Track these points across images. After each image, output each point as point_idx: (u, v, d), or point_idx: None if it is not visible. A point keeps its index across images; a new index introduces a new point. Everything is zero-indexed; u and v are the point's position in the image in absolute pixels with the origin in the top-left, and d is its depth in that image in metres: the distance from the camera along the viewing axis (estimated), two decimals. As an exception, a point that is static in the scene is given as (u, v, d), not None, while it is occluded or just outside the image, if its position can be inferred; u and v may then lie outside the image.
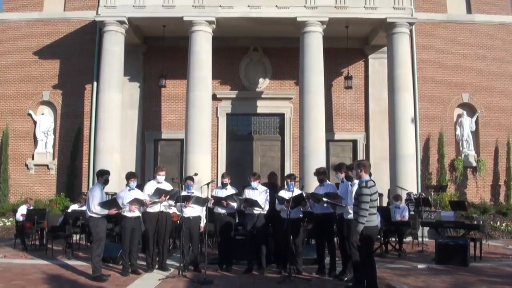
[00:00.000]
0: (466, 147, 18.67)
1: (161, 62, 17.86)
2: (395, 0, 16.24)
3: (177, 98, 18.56)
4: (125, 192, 9.59)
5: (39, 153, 18.60)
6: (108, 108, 16.12)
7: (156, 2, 16.25)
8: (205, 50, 16.21)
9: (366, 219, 7.14)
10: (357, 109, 18.76)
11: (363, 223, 7.14)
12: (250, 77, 18.81)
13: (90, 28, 18.91)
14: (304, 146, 15.67)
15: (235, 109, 18.63)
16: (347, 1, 16.19)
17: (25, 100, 18.83)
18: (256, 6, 16.13)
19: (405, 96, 16.13)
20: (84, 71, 18.70)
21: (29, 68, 18.98)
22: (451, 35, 19.22)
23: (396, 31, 16.27)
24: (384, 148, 17.30)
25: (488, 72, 19.05)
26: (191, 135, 15.76)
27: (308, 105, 15.79)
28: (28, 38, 19.18)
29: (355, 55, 18.67)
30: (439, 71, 18.93)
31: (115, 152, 16.04)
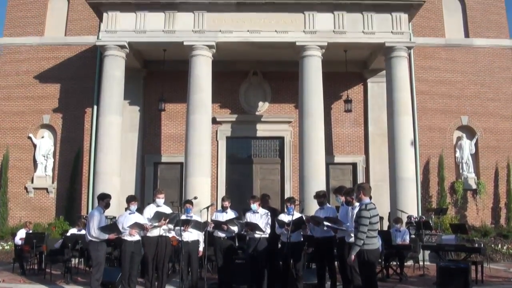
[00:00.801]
0: (466, 170, 18.67)
1: (161, 86, 17.97)
2: (393, 25, 16.39)
3: (177, 121, 18.63)
4: (126, 215, 9.56)
5: (39, 177, 18.59)
6: (108, 131, 16.14)
7: (156, 27, 16.42)
8: (205, 74, 16.31)
9: (363, 242, 7.09)
10: (357, 132, 18.82)
11: (359, 245, 7.09)
12: (250, 100, 18.91)
13: (91, 52, 19.10)
14: (304, 169, 15.66)
15: (235, 133, 18.68)
16: (345, 26, 16.35)
17: (25, 123, 18.88)
18: (255, 30, 16.30)
19: (404, 119, 16.18)
20: (85, 95, 18.81)
21: (29, 91, 19.08)
22: (450, 58, 19.38)
23: (394, 55, 16.39)
24: (384, 171, 17.28)
25: (487, 94, 19.16)
26: (190, 159, 15.76)
27: (308, 129, 15.82)
28: (29, 62, 19.34)
29: (354, 79, 18.81)
30: (438, 95, 19.04)
31: (115, 176, 16.01)
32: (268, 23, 16.37)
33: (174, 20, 16.43)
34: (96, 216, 8.96)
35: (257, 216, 9.66)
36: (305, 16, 16.39)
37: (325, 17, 16.40)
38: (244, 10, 16.40)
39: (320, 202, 9.52)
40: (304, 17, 16.39)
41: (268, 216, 9.69)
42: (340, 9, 16.38)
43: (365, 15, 16.43)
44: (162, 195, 9.78)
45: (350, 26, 16.39)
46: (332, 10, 16.40)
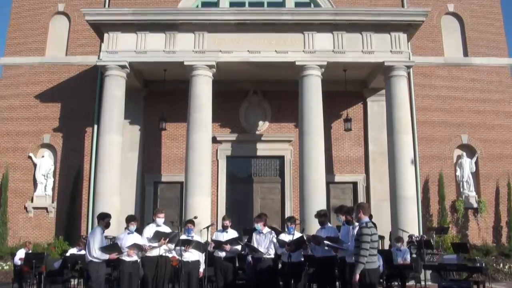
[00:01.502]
0: (467, 188, 18.63)
1: (161, 105, 18.02)
2: (392, 45, 16.52)
3: (177, 141, 18.65)
4: (124, 235, 9.52)
5: (39, 196, 18.54)
6: (108, 151, 16.14)
7: (157, 47, 16.54)
8: (205, 94, 16.38)
9: (366, 259, 7.07)
10: (357, 151, 18.83)
11: (363, 263, 7.06)
12: (250, 120, 18.96)
13: (92, 72, 19.20)
14: (304, 189, 15.63)
15: (235, 152, 18.69)
16: (344, 46, 16.48)
17: (26, 142, 18.91)
18: (255, 50, 16.42)
19: (404, 138, 16.19)
20: (85, 114, 18.88)
21: (30, 111, 19.15)
22: (449, 77, 19.49)
23: (394, 74, 16.47)
24: (384, 190, 17.24)
25: (487, 113, 19.22)
26: (191, 178, 15.74)
27: (308, 148, 15.83)
28: (30, 81, 19.46)
29: (354, 98, 18.88)
30: (438, 113, 19.11)
31: (115, 196, 15.97)
32: (268, 43, 16.51)
33: (175, 40, 16.56)
34: (96, 236, 8.93)
35: (262, 236, 9.61)
36: (304, 36, 16.52)
37: (325, 37, 16.54)
38: (244, 31, 16.55)
39: (321, 221, 9.49)
40: (303, 37, 16.53)
41: (272, 234, 9.66)
42: (339, 29, 16.52)
43: (364, 35, 16.57)
44: (162, 215, 9.77)
45: (349, 46, 16.51)
46: (331, 30, 16.54)
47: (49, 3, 20.36)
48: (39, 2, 20.38)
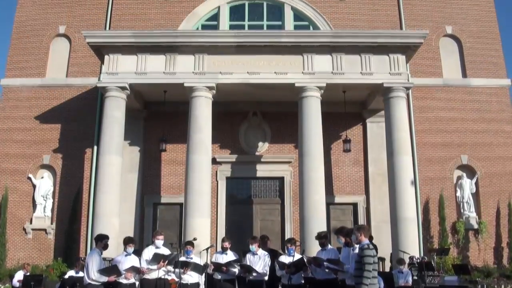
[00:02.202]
0: (467, 209, 18.57)
1: (161, 126, 18.07)
2: (391, 66, 16.62)
3: (177, 162, 18.65)
4: (122, 257, 9.46)
5: (38, 217, 18.46)
6: (107, 172, 16.12)
7: (157, 69, 16.64)
8: (205, 115, 16.43)
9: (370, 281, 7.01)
10: (357, 172, 18.82)
11: (366, 284, 7.00)
12: (250, 141, 18.98)
13: (92, 93, 19.31)
14: (304, 210, 15.57)
15: (234, 173, 18.67)
16: (343, 67, 16.58)
17: (25, 163, 18.89)
18: (255, 72, 16.52)
19: (404, 159, 16.18)
20: (85, 135, 18.92)
21: (30, 132, 19.19)
22: (448, 98, 19.58)
23: (393, 96, 16.54)
24: (385, 211, 17.19)
25: (486, 133, 19.26)
26: (190, 199, 15.69)
27: (308, 169, 15.82)
28: (30, 102, 19.53)
29: (353, 119, 18.94)
30: (437, 134, 19.16)
31: (114, 217, 15.90)
32: (267, 64, 16.62)
33: (175, 62, 16.68)
34: (95, 258, 8.87)
35: (256, 258, 9.57)
36: (303, 58, 16.64)
37: (324, 58, 16.66)
38: (244, 52, 16.67)
39: (321, 243, 9.44)
40: (302, 58, 16.65)
41: (268, 258, 9.60)
42: (338, 51, 16.65)
43: (363, 57, 16.69)
44: (161, 237, 9.73)
45: (348, 67, 16.62)
46: (330, 52, 16.67)
47: (50, 25, 20.55)
48: (40, 24, 20.56)
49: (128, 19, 20.36)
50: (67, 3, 20.84)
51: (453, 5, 20.84)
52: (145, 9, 20.56)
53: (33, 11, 20.82)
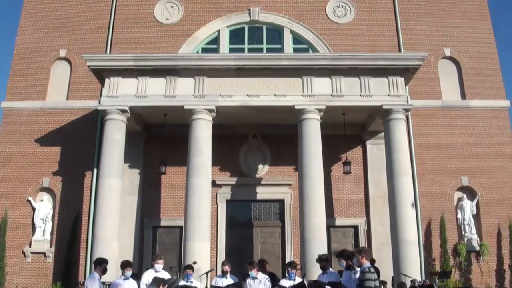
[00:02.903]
0: (468, 231, 18.48)
1: (161, 149, 18.08)
2: (390, 88, 16.70)
3: (176, 185, 18.61)
4: (120, 281, 9.38)
5: (37, 241, 18.36)
6: (107, 195, 16.06)
7: (157, 92, 16.71)
8: (205, 137, 16.45)
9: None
10: (357, 194, 18.77)
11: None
12: (250, 163, 18.97)
13: (92, 116, 19.36)
14: (305, 233, 15.47)
15: (234, 196, 18.62)
16: (343, 90, 16.65)
17: (25, 186, 18.85)
18: (255, 95, 16.59)
19: (404, 181, 16.14)
20: (85, 158, 18.92)
21: (30, 154, 19.19)
22: (448, 119, 19.64)
23: (392, 118, 16.58)
24: (385, 234, 17.10)
25: (486, 154, 19.26)
26: (190, 222, 15.61)
27: (308, 191, 15.78)
28: (30, 125, 19.57)
29: (353, 141, 18.98)
30: (437, 155, 19.16)
31: (114, 240, 15.81)
32: (267, 87, 16.69)
33: (175, 85, 16.76)
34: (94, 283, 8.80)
35: (256, 282, 9.50)
36: (303, 81, 16.72)
37: (323, 81, 16.74)
38: (243, 75, 16.76)
39: (322, 266, 9.38)
40: (302, 81, 16.73)
41: (268, 282, 9.53)
42: (337, 74, 16.74)
43: (362, 79, 16.77)
44: (161, 261, 9.69)
45: (348, 90, 16.69)
46: (329, 75, 16.75)
47: (51, 49, 20.72)
48: (41, 47, 20.73)
49: (129, 43, 20.56)
50: (68, 27, 21.05)
51: (451, 28, 21.05)
52: (146, 33, 20.76)
53: (34, 34, 21.01)
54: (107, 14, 21.14)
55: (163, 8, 21.17)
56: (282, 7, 21.13)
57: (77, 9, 21.34)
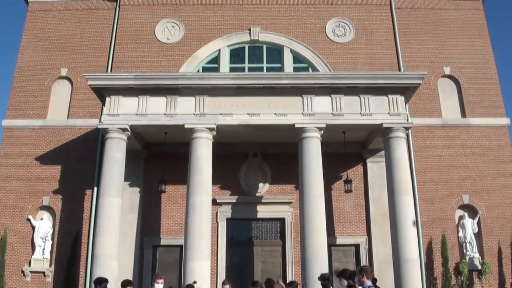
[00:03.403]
0: (470, 250, 18.39)
1: (161, 168, 18.10)
2: (390, 107, 16.74)
3: (177, 203, 18.59)
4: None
5: (36, 260, 18.27)
6: (107, 213, 16.01)
7: (158, 111, 16.76)
8: (206, 156, 16.45)
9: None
10: (358, 213, 18.72)
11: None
12: (250, 182, 18.95)
13: (92, 134, 19.41)
14: (306, 252, 15.39)
15: (235, 214, 18.57)
16: (343, 108, 16.70)
17: (25, 205, 18.83)
18: (255, 113, 16.63)
19: (405, 199, 16.10)
20: (85, 177, 18.92)
21: (30, 173, 19.19)
22: (448, 137, 19.70)
23: (392, 136, 16.59)
24: (387, 252, 17.02)
25: (487, 172, 19.27)
26: (190, 241, 15.54)
27: (309, 210, 15.73)
28: (31, 143, 19.62)
29: (353, 159, 18.99)
30: (438, 173, 19.17)
31: (113, 259, 15.72)
32: (267, 106, 16.74)
33: (176, 103, 16.81)
34: (93, 303, 8.75)
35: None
36: (303, 99, 16.78)
37: (323, 100, 16.79)
38: (244, 94, 16.81)
39: (324, 284, 9.35)
40: (302, 100, 16.78)
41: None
42: (337, 93, 16.80)
43: (362, 98, 16.82)
44: (161, 280, 9.64)
45: (348, 108, 16.73)
46: (329, 93, 16.81)
47: (52, 68, 20.85)
48: (42, 66, 20.87)
49: (130, 62, 20.70)
50: (69, 46, 21.22)
51: (450, 47, 21.21)
52: (147, 52, 20.91)
53: (35, 53, 21.16)
54: (108, 33, 21.33)
55: (164, 27, 21.36)
56: (282, 27, 21.32)
57: (78, 28, 21.55)
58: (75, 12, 21.90)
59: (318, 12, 21.68)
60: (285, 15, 21.60)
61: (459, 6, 22.05)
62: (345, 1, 21.88)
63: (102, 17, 21.74)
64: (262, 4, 21.77)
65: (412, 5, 21.98)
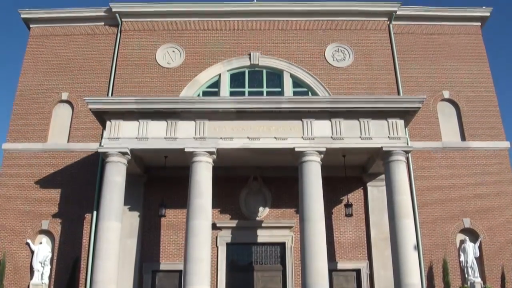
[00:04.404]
0: (472, 274, 18.24)
1: (161, 191, 18.07)
2: (390, 130, 16.78)
3: (176, 228, 18.50)
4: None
5: (35, 285, 18.07)
6: (106, 238, 15.91)
7: (158, 134, 16.80)
8: (206, 180, 16.43)
9: None
10: (359, 237, 18.62)
11: None
12: (250, 206, 18.90)
13: (92, 158, 19.44)
14: (307, 277, 15.23)
15: (235, 239, 18.46)
16: (343, 132, 16.73)
17: (24, 228, 18.76)
18: (255, 137, 16.67)
19: (406, 222, 16.00)
20: (85, 201, 18.89)
21: (29, 196, 19.18)
22: (448, 161, 19.72)
23: (392, 159, 16.59)
24: (388, 277, 16.91)
25: (488, 196, 19.24)
26: (190, 266, 15.40)
27: (309, 234, 15.64)
28: (31, 167, 19.65)
29: (354, 183, 18.98)
30: (439, 197, 19.14)
31: (112, 284, 15.55)
32: (267, 130, 16.79)
33: (176, 127, 16.86)
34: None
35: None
36: (303, 123, 16.83)
37: (323, 124, 16.85)
38: (244, 118, 16.88)
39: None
40: (302, 124, 16.84)
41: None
42: (337, 116, 16.87)
43: (361, 121, 16.88)
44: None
45: (348, 132, 16.77)
46: (329, 117, 16.88)
47: (53, 91, 20.98)
48: (43, 90, 21.01)
49: (131, 86, 20.84)
50: (70, 69, 21.39)
51: (449, 71, 21.37)
52: (147, 77, 21.06)
53: (36, 77, 21.32)
54: (109, 58, 21.51)
55: (164, 52, 21.55)
56: (282, 52, 21.52)
57: (80, 53, 21.74)
58: (76, 37, 22.12)
59: (318, 37, 21.89)
60: (285, 40, 21.81)
61: (458, 31, 22.27)
62: (344, 26, 22.12)
63: (103, 41, 21.95)
64: (262, 29, 22.01)
65: (410, 30, 22.21)
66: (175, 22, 22.24)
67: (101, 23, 22.37)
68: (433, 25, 22.37)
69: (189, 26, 22.14)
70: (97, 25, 22.34)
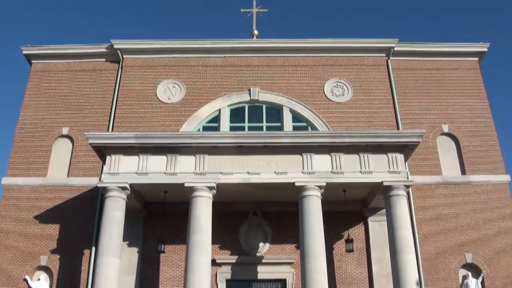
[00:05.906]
0: (475, 311, 18.00)
1: (161, 227, 17.95)
2: (390, 165, 16.80)
3: (175, 264, 18.29)
4: None
5: (31, 325, 17.86)
6: (105, 275, 15.72)
7: (158, 169, 16.80)
8: (205, 215, 16.34)
9: None
10: (361, 273, 18.39)
11: None
12: (250, 241, 18.74)
13: (92, 193, 19.39)
14: (308, 314, 15.02)
15: (235, 275, 18.23)
16: (343, 167, 16.75)
17: (22, 264, 18.55)
18: (255, 172, 16.67)
19: (407, 258, 15.85)
20: (83, 236, 18.76)
21: (28, 231, 19.04)
22: (449, 195, 19.66)
23: (393, 194, 16.55)
24: (391, 314, 16.61)
25: (489, 230, 19.11)
26: (189, 303, 15.21)
27: (310, 270, 15.45)
28: (30, 202, 19.60)
29: (354, 218, 18.87)
30: (440, 231, 19.01)
31: (110, 323, 15.35)
32: (267, 164, 16.81)
33: (176, 162, 16.88)
34: None
35: None
36: (303, 158, 16.87)
37: (323, 158, 16.89)
38: (244, 153, 16.93)
39: None
40: (302, 158, 16.88)
41: None
42: (337, 151, 16.92)
43: (361, 156, 16.92)
44: None
45: (348, 167, 16.78)
46: (329, 152, 16.92)
47: (53, 126, 21.08)
48: (43, 125, 21.12)
49: (131, 121, 20.95)
50: (71, 105, 21.54)
51: (448, 105, 21.52)
52: (148, 112, 21.19)
53: (37, 112, 21.46)
54: (110, 93, 21.71)
55: (165, 88, 21.75)
56: (281, 87, 21.73)
57: (80, 88, 21.95)
58: (77, 72, 22.37)
59: (317, 73, 22.13)
60: (284, 75, 22.05)
61: (456, 66, 22.52)
62: (342, 62, 22.39)
63: (104, 77, 22.19)
64: (261, 65, 22.28)
65: (409, 66, 22.46)
66: (175, 58, 22.51)
67: (103, 59, 22.65)
68: (431, 60, 22.64)
69: (189, 62, 22.41)
70: (99, 61, 22.62)
